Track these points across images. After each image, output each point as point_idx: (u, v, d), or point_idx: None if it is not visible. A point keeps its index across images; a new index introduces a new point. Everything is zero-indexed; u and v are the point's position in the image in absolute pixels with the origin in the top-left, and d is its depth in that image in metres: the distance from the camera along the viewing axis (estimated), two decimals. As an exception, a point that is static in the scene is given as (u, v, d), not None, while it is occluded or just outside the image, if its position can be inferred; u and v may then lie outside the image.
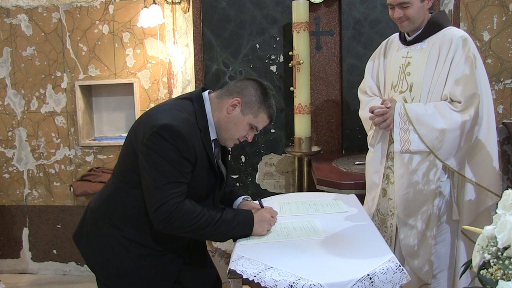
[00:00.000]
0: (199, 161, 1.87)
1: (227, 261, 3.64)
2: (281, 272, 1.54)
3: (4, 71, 4.02)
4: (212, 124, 1.94)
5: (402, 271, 1.57)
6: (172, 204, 1.77)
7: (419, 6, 2.25)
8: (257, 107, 1.93)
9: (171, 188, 1.78)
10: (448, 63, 2.21)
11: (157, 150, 1.78)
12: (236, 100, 1.91)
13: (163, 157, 1.78)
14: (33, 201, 4.13)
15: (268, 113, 1.96)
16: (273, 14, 3.60)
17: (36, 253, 4.17)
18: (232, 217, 1.87)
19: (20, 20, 3.95)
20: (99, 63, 3.93)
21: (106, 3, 3.86)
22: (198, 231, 1.82)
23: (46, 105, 4.02)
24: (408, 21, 2.29)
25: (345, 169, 2.98)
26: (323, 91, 3.69)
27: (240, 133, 1.96)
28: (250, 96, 1.93)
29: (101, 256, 1.96)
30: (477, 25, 3.50)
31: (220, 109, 1.94)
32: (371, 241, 1.79)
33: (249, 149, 3.70)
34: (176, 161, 1.79)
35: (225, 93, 1.95)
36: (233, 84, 1.98)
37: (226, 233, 1.87)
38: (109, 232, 1.94)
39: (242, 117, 1.93)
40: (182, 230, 1.81)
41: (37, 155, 4.08)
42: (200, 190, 1.94)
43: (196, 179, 1.88)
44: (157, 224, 1.80)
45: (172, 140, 1.78)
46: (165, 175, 1.78)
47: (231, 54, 3.63)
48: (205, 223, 1.81)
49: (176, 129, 1.79)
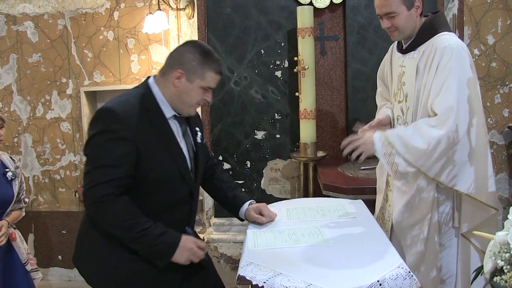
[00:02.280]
0: (147, 141, 1.84)
1: (233, 267, 3.64)
2: (291, 278, 1.53)
3: (10, 77, 4.04)
4: (164, 102, 1.92)
5: (412, 277, 1.56)
6: (99, 191, 1.77)
7: (406, 15, 2.16)
8: (201, 70, 1.88)
9: (101, 172, 1.78)
10: (432, 73, 2.13)
11: (92, 134, 1.82)
12: (178, 71, 1.88)
13: (96, 140, 1.80)
14: (38, 207, 4.13)
15: (215, 69, 1.91)
16: (278, 19, 3.61)
17: (41, 259, 4.17)
18: (158, 234, 1.82)
19: (26, 27, 3.97)
20: (104, 69, 3.94)
21: (111, 10, 3.88)
22: (120, 231, 1.81)
23: (52, 111, 4.04)
24: (397, 31, 2.21)
25: (351, 174, 2.98)
26: (328, 96, 3.69)
27: (196, 99, 1.93)
28: (189, 62, 1.88)
29: (99, 270, 1.94)
30: (482, 29, 3.51)
31: (167, 85, 1.92)
32: (380, 247, 1.79)
33: (254, 155, 3.70)
34: (110, 143, 1.79)
35: (166, 68, 1.93)
36: (170, 56, 1.96)
37: (147, 247, 1.83)
38: (102, 242, 1.91)
39: (191, 85, 1.89)
40: (105, 222, 1.83)
41: (43, 161, 4.09)
42: (165, 174, 1.90)
43: (152, 161, 1.85)
44: (86, 208, 1.84)
45: (105, 120, 1.80)
46: (96, 159, 1.80)
47: (236, 60, 3.64)
48: (129, 226, 1.79)
49: (109, 109, 1.81)
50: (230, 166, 3.72)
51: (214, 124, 3.67)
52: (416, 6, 2.18)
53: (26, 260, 2.96)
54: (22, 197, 2.98)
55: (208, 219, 3.82)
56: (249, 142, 3.71)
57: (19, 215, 2.98)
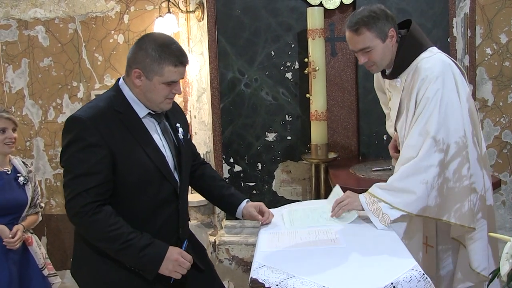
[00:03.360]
0: (121, 144, 1.79)
1: (245, 269, 3.63)
2: (304, 281, 1.52)
3: (22, 82, 4.07)
4: (137, 101, 1.87)
5: (426, 280, 1.54)
6: (80, 201, 1.73)
7: (382, 47, 2.08)
8: (156, 65, 1.79)
9: (78, 182, 1.74)
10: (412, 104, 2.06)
11: (64, 146, 1.79)
12: (135, 71, 1.82)
13: (69, 150, 1.77)
14: (50, 210, 4.16)
15: (172, 62, 1.80)
16: (288, 21, 3.60)
17: (54, 262, 4.15)
18: (142, 246, 1.78)
19: (38, 31, 4.01)
20: (114, 72, 3.96)
21: (121, 13, 3.90)
22: (103, 243, 1.79)
23: (63, 115, 4.07)
24: (375, 65, 2.15)
25: (363, 176, 2.96)
26: (339, 97, 3.67)
27: (162, 95, 1.85)
28: (143, 60, 1.80)
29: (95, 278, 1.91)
30: (494, 28, 3.47)
31: (132, 85, 1.86)
32: (393, 249, 1.77)
33: (265, 157, 3.69)
34: (81, 152, 1.75)
35: (127, 69, 1.88)
36: (128, 55, 1.89)
37: (130, 259, 1.80)
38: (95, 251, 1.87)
39: (151, 82, 1.82)
40: (88, 234, 1.80)
41: (54, 164, 4.12)
42: (144, 175, 1.85)
43: (128, 164, 1.81)
44: (70, 220, 1.81)
45: (74, 129, 1.77)
46: (70, 170, 1.77)
47: (247, 62, 3.63)
48: (111, 238, 1.75)
49: (76, 118, 1.78)
50: (241, 168, 3.71)
51: (225, 127, 3.67)
52: (390, 36, 2.10)
53: (44, 264, 2.95)
54: (37, 201, 2.99)
55: (220, 221, 3.81)
56: (260, 144, 3.70)
57: (35, 220, 2.98)
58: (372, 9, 2.09)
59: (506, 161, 3.56)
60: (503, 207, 3.57)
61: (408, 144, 2.01)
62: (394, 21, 2.13)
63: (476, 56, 3.49)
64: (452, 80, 2.03)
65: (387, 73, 2.22)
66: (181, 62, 1.82)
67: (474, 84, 3.51)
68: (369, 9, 2.10)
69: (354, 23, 2.08)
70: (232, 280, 3.65)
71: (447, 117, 1.98)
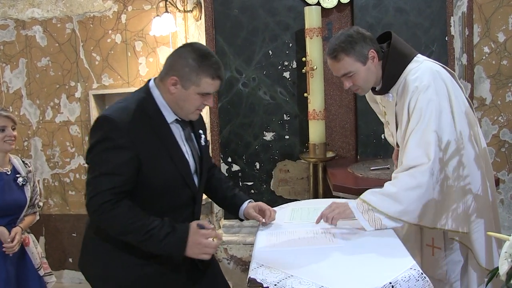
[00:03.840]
0: (149, 148, 1.81)
1: (243, 268, 3.63)
2: (302, 280, 1.52)
3: (20, 82, 4.07)
4: (166, 107, 1.88)
5: (425, 279, 1.54)
6: (100, 198, 1.74)
7: (364, 70, 2.07)
8: (195, 76, 1.80)
9: (100, 181, 1.75)
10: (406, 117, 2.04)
11: (92, 143, 1.79)
12: (172, 79, 1.82)
13: (96, 149, 1.77)
14: (49, 210, 4.15)
15: (210, 75, 1.81)
16: (286, 20, 3.60)
17: (52, 262, 4.18)
18: (164, 234, 1.78)
19: (35, 31, 4.00)
20: (112, 72, 3.95)
21: (118, 13, 3.89)
22: (127, 236, 1.79)
23: (61, 115, 4.06)
24: (360, 89, 2.13)
25: (361, 175, 2.96)
26: (337, 96, 3.67)
27: (194, 106, 1.86)
28: (182, 68, 1.81)
29: (103, 274, 1.92)
30: (492, 26, 3.47)
31: (165, 91, 1.86)
32: (391, 248, 1.76)
33: (263, 156, 3.69)
34: (108, 152, 1.75)
35: (163, 74, 1.87)
36: (166, 61, 1.89)
37: (154, 248, 1.80)
38: (104, 247, 1.89)
39: (186, 91, 1.82)
40: (111, 230, 1.80)
41: (52, 164, 4.11)
42: (168, 180, 1.87)
43: (155, 169, 1.82)
44: (90, 218, 1.81)
45: (104, 128, 1.77)
46: (95, 168, 1.77)
47: (244, 61, 3.63)
48: (134, 230, 1.76)
49: (107, 117, 1.77)
50: (239, 167, 3.71)
51: (223, 126, 3.67)
52: (371, 57, 2.07)
53: (40, 264, 2.96)
54: (36, 201, 2.98)
55: (218, 221, 3.81)
56: (258, 144, 3.70)
57: (33, 220, 2.98)
58: (349, 34, 2.08)
59: (504, 159, 3.56)
60: (501, 205, 3.58)
61: (407, 155, 2.00)
62: (372, 41, 2.10)
63: (474, 54, 3.50)
64: (443, 86, 2.02)
65: (377, 89, 2.20)
66: (218, 76, 1.84)
67: (472, 83, 3.51)
68: (346, 33, 2.08)
69: (332, 50, 2.07)
70: (230, 280, 3.64)
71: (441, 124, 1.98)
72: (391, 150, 2.52)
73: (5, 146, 2.79)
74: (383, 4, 3.50)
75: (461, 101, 2.09)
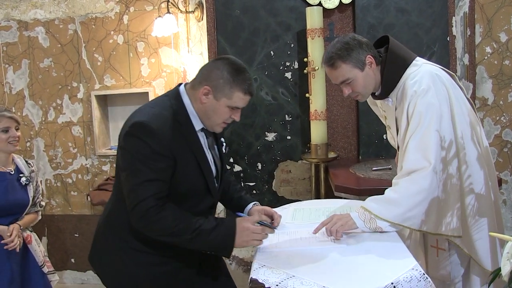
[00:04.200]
0: (181, 156, 1.82)
1: (245, 269, 3.63)
2: (304, 281, 1.52)
3: (22, 82, 4.08)
4: (195, 115, 1.89)
5: (427, 280, 1.54)
6: (145, 205, 1.74)
7: (362, 76, 2.06)
8: (228, 88, 1.83)
9: (144, 187, 1.75)
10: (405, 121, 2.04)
11: (129, 150, 1.78)
12: (205, 88, 1.83)
13: (135, 156, 1.77)
14: (51, 210, 4.16)
15: (243, 89, 1.84)
16: (287, 21, 3.60)
17: (55, 262, 4.18)
18: (211, 228, 1.79)
19: (38, 32, 4.01)
20: (114, 73, 3.96)
21: (120, 14, 3.90)
22: (174, 238, 1.79)
23: (63, 115, 4.07)
24: (360, 95, 2.13)
25: (363, 175, 2.96)
26: (339, 97, 3.67)
27: (222, 118, 1.89)
28: (217, 79, 1.83)
29: (114, 270, 1.95)
30: (494, 27, 3.46)
31: (196, 99, 1.88)
32: (393, 249, 1.77)
33: (265, 156, 3.70)
34: (149, 159, 1.76)
35: (196, 83, 1.89)
36: (200, 70, 1.92)
37: (204, 244, 1.81)
38: (117, 244, 1.92)
39: (217, 102, 1.84)
40: (157, 233, 1.79)
41: (55, 165, 4.12)
42: (193, 187, 1.89)
43: (183, 175, 1.84)
44: (135, 224, 1.80)
45: (143, 136, 1.76)
46: (137, 175, 1.76)
47: (246, 62, 3.63)
48: (180, 231, 1.77)
49: (145, 124, 1.77)
50: (241, 168, 3.71)
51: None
52: (369, 63, 2.07)
53: (43, 262, 2.97)
54: (38, 200, 3.00)
55: (220, 222, 3.81)
56: (260, 144, 3.70)
57: (34, 219, 2.99)
58: (345, 41, 2.08)
59: (507, 160, 3.56)
60: (504, 206, 3.57)
61: (407, 159, 2.00)
62: (369, 47, 2.10)
63: (475, 55, 3.49)
64: (443, 89, 2.01)
65: (377, 94, 2.20)
66: (250, 92, 1.88)
67: (474, 83, 3.50)
68: (342, 41, 2.09)
69: (329, 58, 2.07)
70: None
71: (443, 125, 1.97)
72: (393, 150, 2.53)
73: (9, 147, 2.80)
74: (384, 5, 3.50)
75: (461, 102, 2.09)
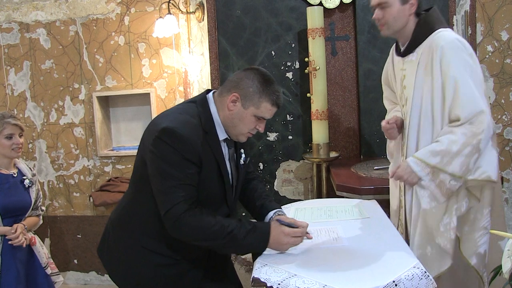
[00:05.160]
0: (205, 163, 1.83)
1: (247, 269, 3.63)
2: (305, 279, 1.52)
3: (24, 84, 4.09)
4: (219, 124, 1.91)
5: (428, 278, 1.54)
6: (179, 209, 1.75)
7: (398, 9, 2.11)
8: (257, 98, 1.85)
9: (177, 191, 1.76)
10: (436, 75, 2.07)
11: (159, 155, 1.78)
12: (234, 95, 1.85)
13: (165, 161, 1.77)
14: (53, 211, 4.17)
15: (271, 100, 1.86)
16: (288, 21, 3.60)
17: (57, 263, 4.16)
18: (246, 230, 1.79)
19: (39, 34, 4.02)
20: (115, 74, 3.97)
21: (121, 15, 3.91)
22: (207, 241, 1.79)
23: (65, 117, 4.08)
24: (386, 26, 2.16)
25: (365, 175, 2.96)
26: (340, 96, 3.67)
27: (248, 127, 1.91)
28: (247, 88, 1.85)
29: (122, 267, 1.96)
30: (495, 25, 3.46)
31: (223, 107, 1.89)
32: (395, 247, 1.77)
33: (266, 156, 3.70)
34: (179, 164, 1.77)
35: (224, 90, 1.90)
36: (230, 78, 1.93)
37: (237, 247, 1.81)
38: (128, 242, 1.94)
39: (245, 111, 1.86)
40: (192, 238, 1.79)
41: (57, 166, 4.13)
42: (211, 194, 1.90)
43: (204, 182, 1.84)
44: (168, 229, 1.80)
45: (172, 143, 1.77)
46: (170, 179, 1.77)
47: (247, 62, 3.64)
48: (214, 234, 1.76)
49: (175, 131, 1.77)
50: (242, 168, 3.71)
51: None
52: (411, 4, 2.12)
53: (46, 264, 3.00)
54: (39, 204, 3.01)
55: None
56: (261, 144, 3.70)
57: (36, 222, 3.00)
58: None
59: (509, 158, 3.55)
60: (506, 204, 3.56)
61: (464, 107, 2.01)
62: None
63: (477, 53, 3.49)
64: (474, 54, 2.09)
65: (402, 50, 2.24)
66: (277, 104, 1.90)
67: (475, 82, 3.50)
68: None
69: None
70: (235, 280, 3.65)
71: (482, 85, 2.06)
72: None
73: (12, 153, 2.83)
74: (385, 4, 3.49)
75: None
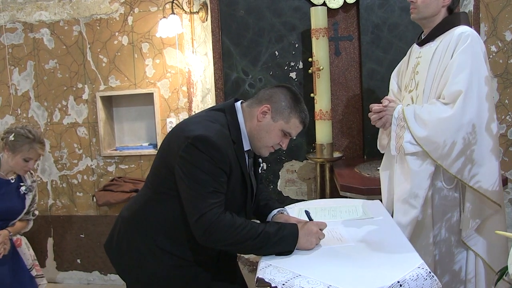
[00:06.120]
0: (233, 172, 1.85)
1: (251, 269, 3.63)
2: (310, 280, 1.52)
3: (28, 84, 4.10)
4: (245, 135, 1.92)
5: (433, 278, 1.54)
6: (212, 215, 1.75)
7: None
8: (287, 113, 1.89)
9: (209, 198, 1.76)
10: (448, 59, 2.15)
11: (193, 161, 1.78)
12: (265, 107, 1.89)
13: (199, 167, 1.77)
14: (57, 211, 4.18)
15: (300, 117, 1.91)
16: (292, 21, 3.60)
17: (61, 263, 4.22)
18: (275, 230, 1.79)
19: (43, 34, 4.03)
20: (119, 74, 3.97)
21: (125, 15, 3.91)
22: (238, 244, 1.79)
23: (68, 117, 4.08)
24: (416, 10, 2.25)
25: (368, 175, 2.95)
26: (343, 96, 3.67)
27: (273, 141, 1.93)
28: (279, 102, 1.89)
29: (133, 265, 1.96)
30: (499, 25, 3.45)
31: (251, 118, 1.92)
32: (399, 248, 1.77)
33: (270, 156, 3.69)
34: (212, 171, 1.78)
35: (255, 102, 1.94)
36: (262, 91, 1.97)
37: (268, 248, 1.79)
38: (141, 241, 1.94)
39: (273, 123, 1.89)
40: (222, 242, 1.79)
41: (60, 166, 4.13)
42: (233, 202, 1.91)
43: (230, 190, 1.86)
44: (198, 235, 1.78)
45: (207, 151, 1.77)
46: (203, 185, 1.77)
47: (251, 62, 3.64)
48: (246, 236, 1.77)
49: (210, 139, 1.78)
50: (245, 168, 3.71)
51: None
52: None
53: (31, 266, 3.00)
54: (32, 209, 3.03)
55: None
56: (264, 144, 3.70)
57: (23, 226, 3.00)
58: None
59: (512, 159, 3.55)
60: (509, 205, 3.56)
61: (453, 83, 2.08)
62: None
63: (480, 54, 3.48)
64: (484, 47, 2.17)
65: (424, 36, 2.32)
66: (304, 123, 1.95)
67: (479, 82, 3.49)
68: None
69: None
70: (238, 280, 3.65)
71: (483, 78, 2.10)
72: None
73: (20, 172, 2.90)
74: (388, 4, 3.50)
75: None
